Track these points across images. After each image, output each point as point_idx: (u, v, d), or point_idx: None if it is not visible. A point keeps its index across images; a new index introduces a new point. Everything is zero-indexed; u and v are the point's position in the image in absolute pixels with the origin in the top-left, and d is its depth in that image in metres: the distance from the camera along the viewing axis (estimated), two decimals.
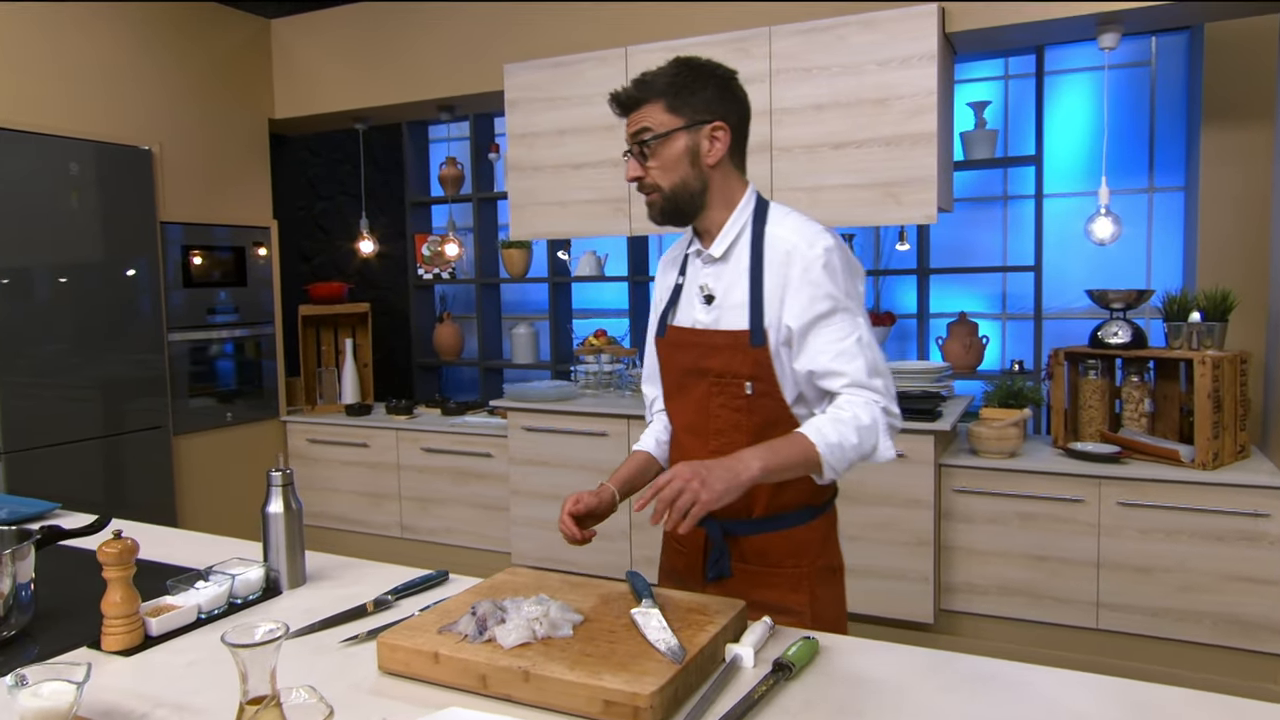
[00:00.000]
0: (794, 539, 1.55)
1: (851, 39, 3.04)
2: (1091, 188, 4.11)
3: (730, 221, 1.53)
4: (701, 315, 1.55)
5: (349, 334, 4.77)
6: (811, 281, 1.45)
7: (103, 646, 1.36)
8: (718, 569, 1.55)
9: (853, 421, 1.41)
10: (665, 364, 1.63)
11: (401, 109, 4.23)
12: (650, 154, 1.49)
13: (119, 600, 1.35)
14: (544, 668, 1.14)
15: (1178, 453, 2.81)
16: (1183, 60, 3.92)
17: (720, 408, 1.53)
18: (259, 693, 0.89)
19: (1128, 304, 3.02)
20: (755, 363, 1.49)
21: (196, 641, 1.39)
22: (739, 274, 1.52)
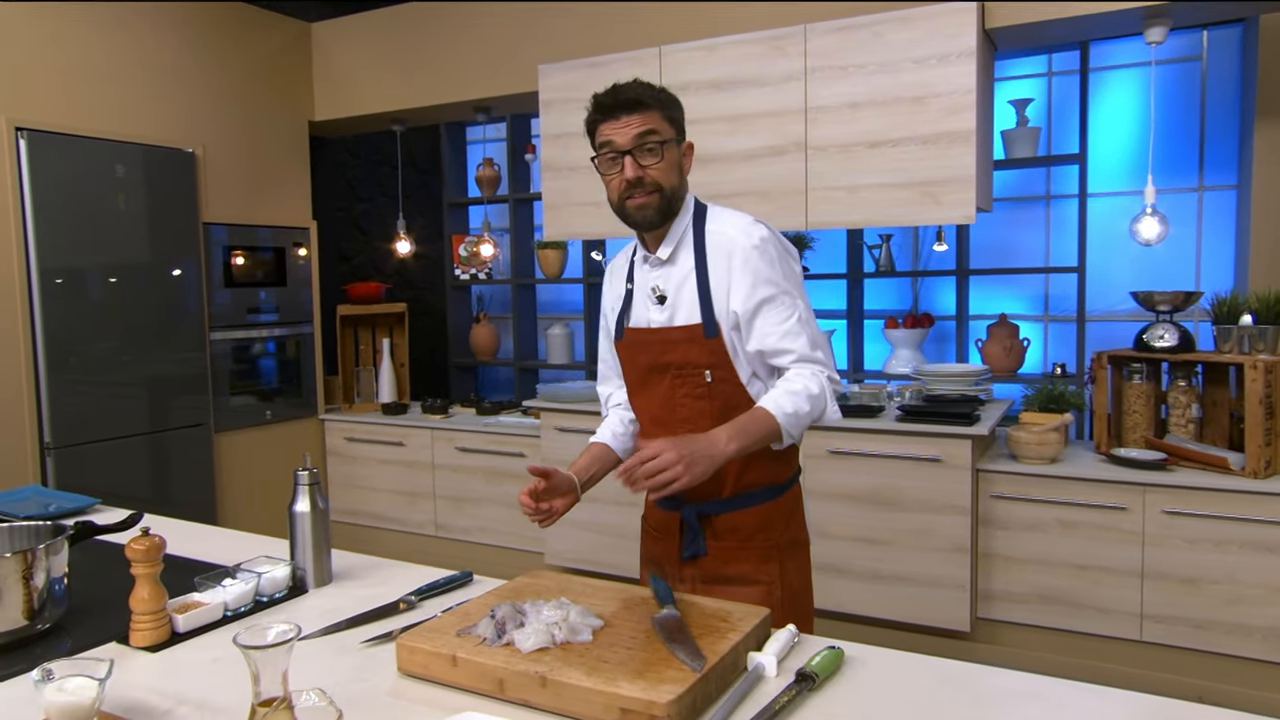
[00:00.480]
0: (762, 515, 1.67)
1: (888, 36, 2.98)
2: (1137, 187, 4.00)
3: (674, 226, 1.65)
4: (656, 315, 1.67)
5: (386, 334, 4.81)
6: (751, 270, 1.58)
7: (130, 642, 1.37)
8: (693, 549, 1.67)
9: (804, 392, 1.56)
10: (627, 364, 1.75)
11: (438, 110, 4.26)
12: (656, 155, 1.58)
13: (146, 597, 1.37)
14: (561, 673, 1.13)
15: (1227, 460, 2.72)
16: (1236, 55, 3.79)
17: (684, 397, 1.65)
18: (271, 694, 0.89)
19: (1174, 306, 2.93)
20: (711, 352, 1.61)
21: (222, 639, 1.40)
22: (686, 273, 1.64)
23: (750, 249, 1.59)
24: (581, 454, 1.82)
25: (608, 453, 1.82)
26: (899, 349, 4.13)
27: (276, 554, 1.69)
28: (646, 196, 1.59)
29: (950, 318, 4.20)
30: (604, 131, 1.62)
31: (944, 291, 4.38)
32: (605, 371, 1.89)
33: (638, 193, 1.59)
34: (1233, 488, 2.66)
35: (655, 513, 1.79)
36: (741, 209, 3.29)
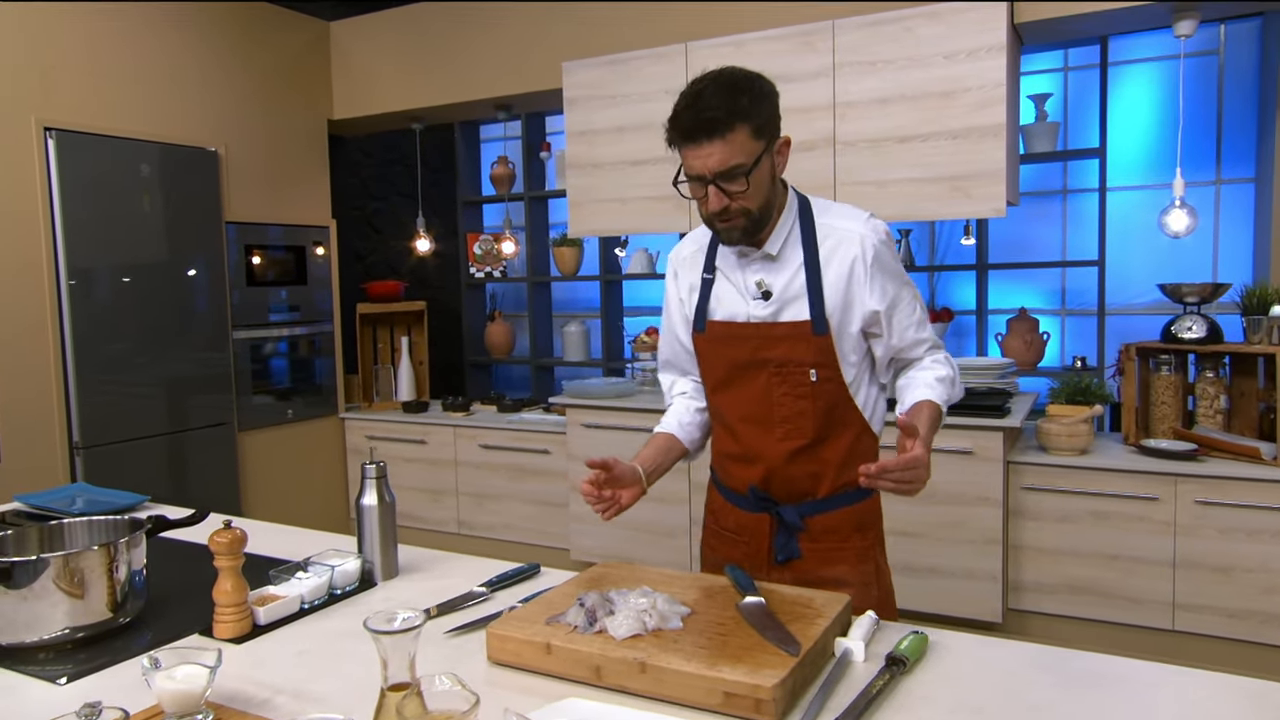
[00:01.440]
0: (857, 514, 1.63)
1: (918, 31, 3.00)
2: (1154, 180, 4.04)
3: (783, 220, 1.57)
4: (757, 310, 1.59)
5: (404, 332, 4.82)
6: (884, 267, 1.54)
7: (215, 634, 1.38)
8: (787, 551, 1.61)
9: (947, 378, 1.61)
10: (710, 358, 1.65)
11: (458, 109, 4.26)
12: (742, 185, 1.45)
13: (230, 589, 1.38)
14: (660, 659, 1.14)
15: (1258, 450, 2.74)
16: (1254, 49, 3.82)
17: (784, 396, 1.57)
18: (399, 680, 0.90)
19: (1202, 298, 2.96)
20: (819, 350, 1.55)
21: (302, 631, 1.41)
22: (795, 269, 1.56)
23: (880, 245, 1.54)
24: (646, 444, 1.72)
25: (674, 443, 1.74)
26: None
27: (340, 548, 1.70)
28: (732, 220, 1.50)
29: (970, 312, 4.23)
30: (686, 156, 1.48)
31: (959, 286, 4.41)
32: (667, 358, 1.81)
33: (722, 218, 1.50)
34: (1266, 477, 2.69)
35: (732, 514, 1.69)
36: None
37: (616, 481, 1.56)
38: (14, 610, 1.32)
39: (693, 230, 1.74)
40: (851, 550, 1.62)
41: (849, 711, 1.08)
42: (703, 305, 1.65)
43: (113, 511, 2.10)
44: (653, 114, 3.54)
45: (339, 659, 1.31)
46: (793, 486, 1.60)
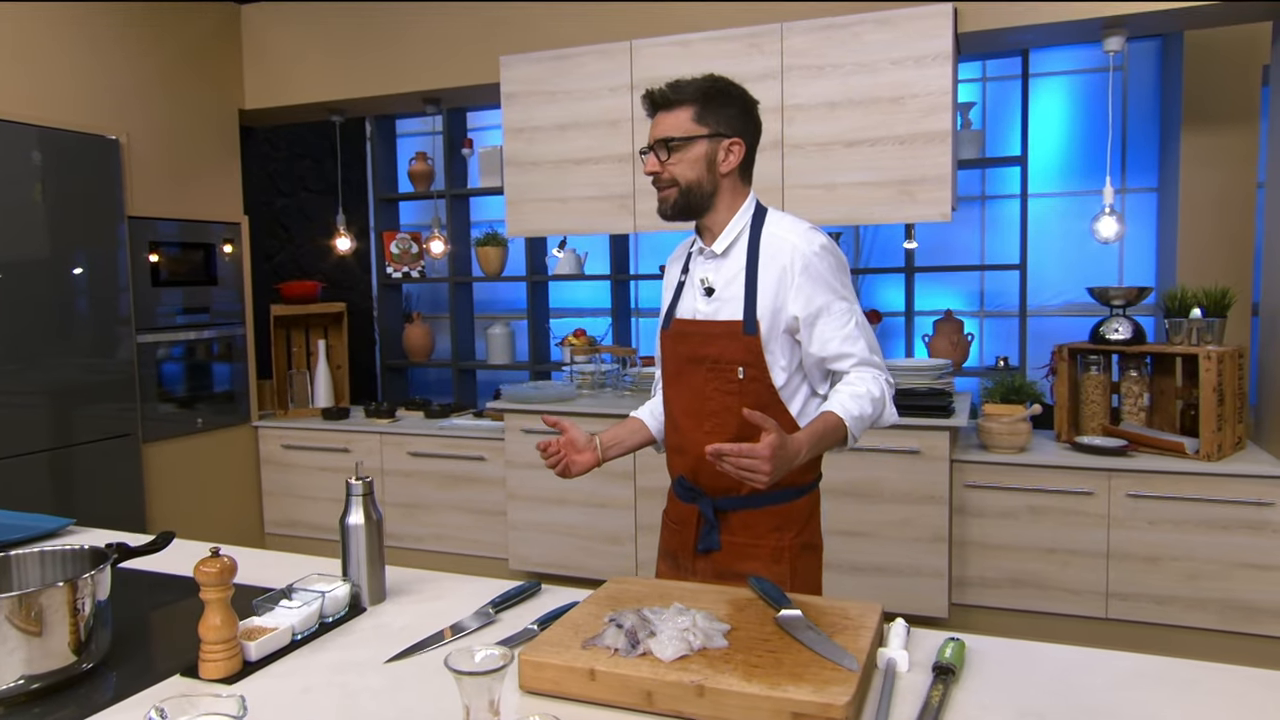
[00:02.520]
0: (778, 514, 1.70)
1: (866, 37, 3.05)
2: (1063, 189, 4.25)
3: (732, 223, 1.69)
4: (702, 306, 1.70)
5: (321, 335, 4.59)
6: (812, 277, 1.62)
7: (201, 674, 1.25)
8: (707, 543, 1.71)
9: (868, 395, 1.60)
10: (668, 354, 1.77)
11: (384, 101, 4.08)
12: (672, 153, 1.63)
13: (219, 623, 1.24)
14: (718, 681, 1.09)
15: (1183, 445, 2.90)
16: (1154, 65, 4.06)
17: (715, 391, 1.67)
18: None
19: (1128, 301, 3.11)
20: (747, 349, 1.64)
21: (297, 666, 1.29)
22: (737, 270, 1.67)
23: (811, 255, 1.62)
24: (618, 424, 1.88)
25: (642, 428, 1.87)
26: None
27: (322, 571, 1.57)
28: (664, 190, 1.66)
29: (898, 314, 4.34)
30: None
31: (881, 289, 4.53)
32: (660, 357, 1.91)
33: (658, 186, 1.67)
34: (1189, 470, 2.85)
35: (676, 506, 1.81)
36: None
37: (570, 444, 1.71)
38: None
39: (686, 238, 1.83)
40: (765, 548, 1.69)
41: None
42: (673, 305, 1.78)
43: (37, 537, 1.89)
44: (597, 112, 3.48)
45: (351, 696, 1.20)
46: (718, 480, 1.65)
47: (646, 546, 3.48)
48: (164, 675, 1.26)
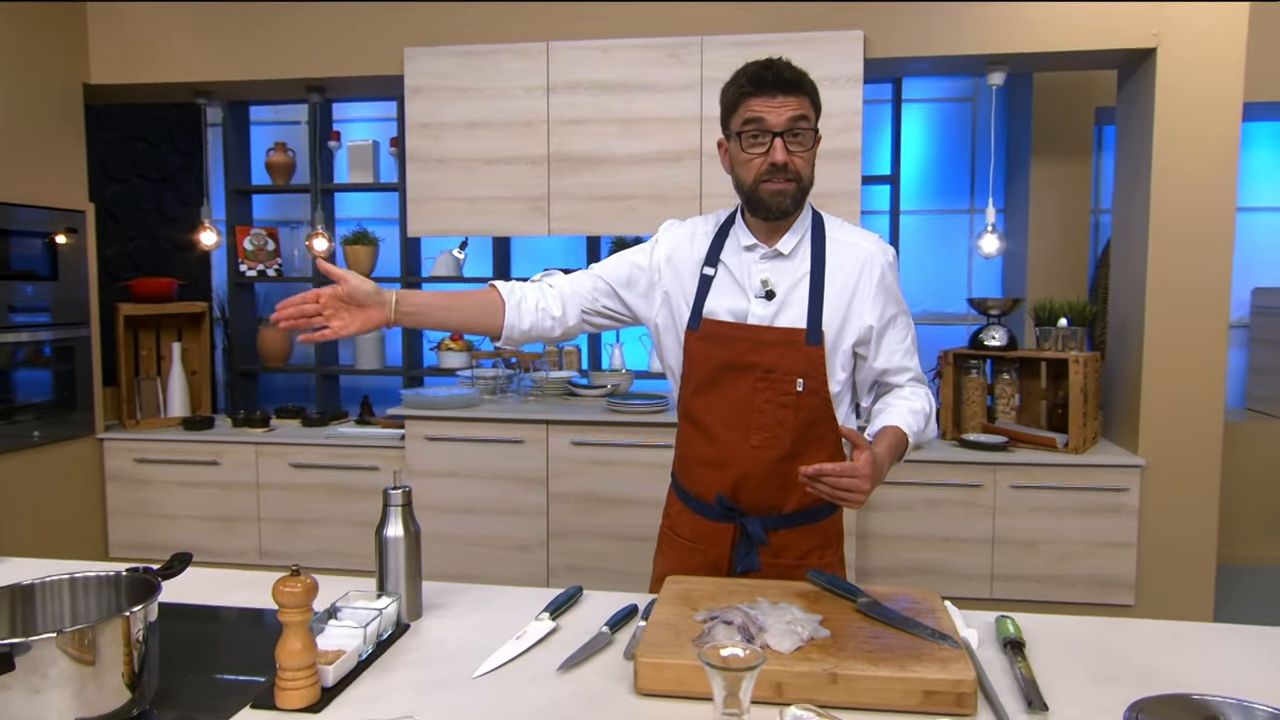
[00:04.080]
0: (819, 533, 1.66)
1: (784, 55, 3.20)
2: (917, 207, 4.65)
3: (798, 223, 1.60)
4: (757, 309, 1.58)
5: (174, 338, 4.20)
6: (887, 287, 1.59)
7: (279, 704, 1.16)
8: (747, 563, 1.61)
9: (922, 411, 1.61)
10: (696, 357, 1.62)
11: (262, 86, 3.81)
12: (804, 144, 1.52)
13: (300, 648, 1.16)
14: (847, 667, 1.15)
15: (1055, 440, 3.28)
16: (1001, 100, 4.54)
17: (766, 403, 1.56)
18: (727, 715, 0.84)
19: (1004, 310, 3.47)
20: (810, 361, 1.54)
21: (378, 688, 1.22)
22: (802, 274, 1.58)
23: (886, 265, 1.59)
24: (461, 292, 1.71)
25: (493, 305, 1.62)
26: None
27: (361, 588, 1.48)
28: (786, 183, 1.51)
29: None
30: (753, 106, 1.51)
31: None
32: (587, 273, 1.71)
33: (778, 178, 1.50)
34: (1060, 462, 3.22)
35: (693, 523, 1.68)
36: (636, 212, 3.39)
37: (349, 298, 1.45)
38: (15, 706, 1.00)
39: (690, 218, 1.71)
40: (811, 568, 1.56)
41: (1027, 693, 1.16)
42: (700, 302, 1.62)
43: None
44: (510, 111, 3.43)
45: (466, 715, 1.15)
46: (760, 498, 1.60)
47: (558, 553, 3.47)
48: (233, 710, 1.15)
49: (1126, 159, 3.37)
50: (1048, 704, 1.14)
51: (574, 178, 3.42)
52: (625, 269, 1.70)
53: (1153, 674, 1.25)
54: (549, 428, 3.43)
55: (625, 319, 1.73)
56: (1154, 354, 3.17)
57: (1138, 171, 3.23)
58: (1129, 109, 3.34)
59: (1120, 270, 3.45)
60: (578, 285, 1.69)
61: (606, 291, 1.70)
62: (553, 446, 3.43)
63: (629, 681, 1.23)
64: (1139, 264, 3.21)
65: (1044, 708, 1.13)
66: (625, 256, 1.72)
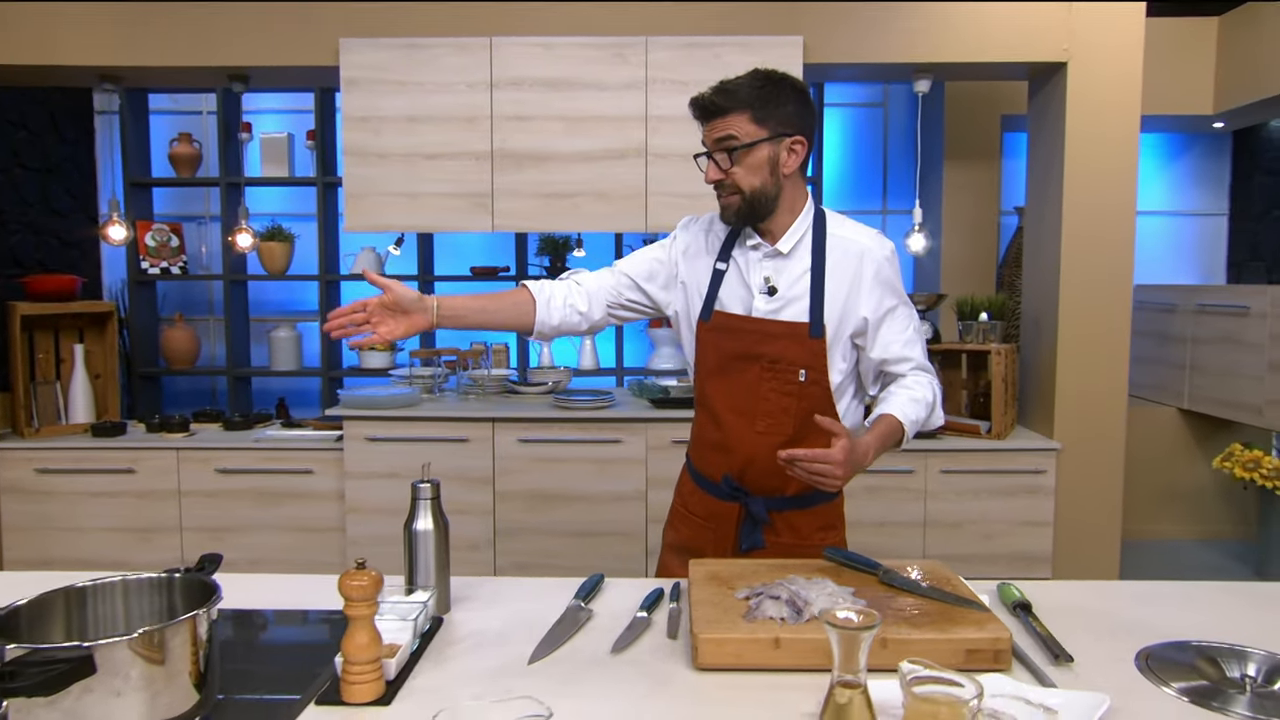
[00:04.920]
0: (822, 516, 1.78)
1: (726, 58, 3.32)
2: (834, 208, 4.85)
3: (796, 223, 1.69)
4: (761, 304, 1.68)
5: (74, 339, 3.95)
6: (883, 280, 1.68)
7: (345, 699, 1.15)
8: (751, 540, 1.72)
9: (924, 400, 1.69)
10: (707, 347, 1.72)
11: (178, 73, 3.63)
12: (735, 160, 1.61)
13: (366, 642, 1.16)
14: (895, 633, 1.24)
15: (979, 427, 3.51)
16: (910, 105, 4.80)
17: (771, 392, 1.67)
18: (848, 678, 0.91)
19: (928, 305, 3.68)
20: (812, 353, 1.65)
21: (435, 679, 1.24)
22: (802, 270, 1.68)
23: (883, 259, 1.67)
24: (498, 294, 1.78)
25: (524, 304, 1.72)
26: (660, 347, 4.50)
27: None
28: (728, 198, 1.64)
29: None
30: (702, 132, 1.68)
31: None
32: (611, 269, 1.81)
33: (720, 193, 1.66)
34: (984, 448, 3.46)
35: (703, 501, 1.78)
36: (580, 209, 3.44)
37: (395, 305, 1.54)
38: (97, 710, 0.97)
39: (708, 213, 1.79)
40: (812, 548, 1.70)
41: (1050, 648, 1.28)
42: (712, 295, 1.72)
43: None
44: (452, 107, 3.40)
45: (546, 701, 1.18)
46: (765, 480, 1.70)
47: (505, 552, 3.47)
48: (298, 708, 1.14)
49: (1038, 163, 3.64)
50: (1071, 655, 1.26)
51: (518, 174, 3.43)
52: (646, 264, 1.79)
53: (1143, 627, 1.39)
54: (495, 425, 3.42)
55: (649, 310, 1.81)
56: (1066, 345, 3.44)
57: (1049, 175, 3.50)
58: (1040, 117, 3.61)
59: (1033, 268, 3.72)
60: (602, 281, 1.78)
61: (630, 285, 1.78)
62: (499, 445, 3.43)
63: (681, 658, 1.29)
64: (1052, 262, 3.48)
65: (1069, 658, 1.25)
66: (646, 252, 1.81)
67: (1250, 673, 1.23)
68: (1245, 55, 4.09)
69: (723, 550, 1.74)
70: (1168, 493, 4.48)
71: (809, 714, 1.13)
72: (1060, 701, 1.05)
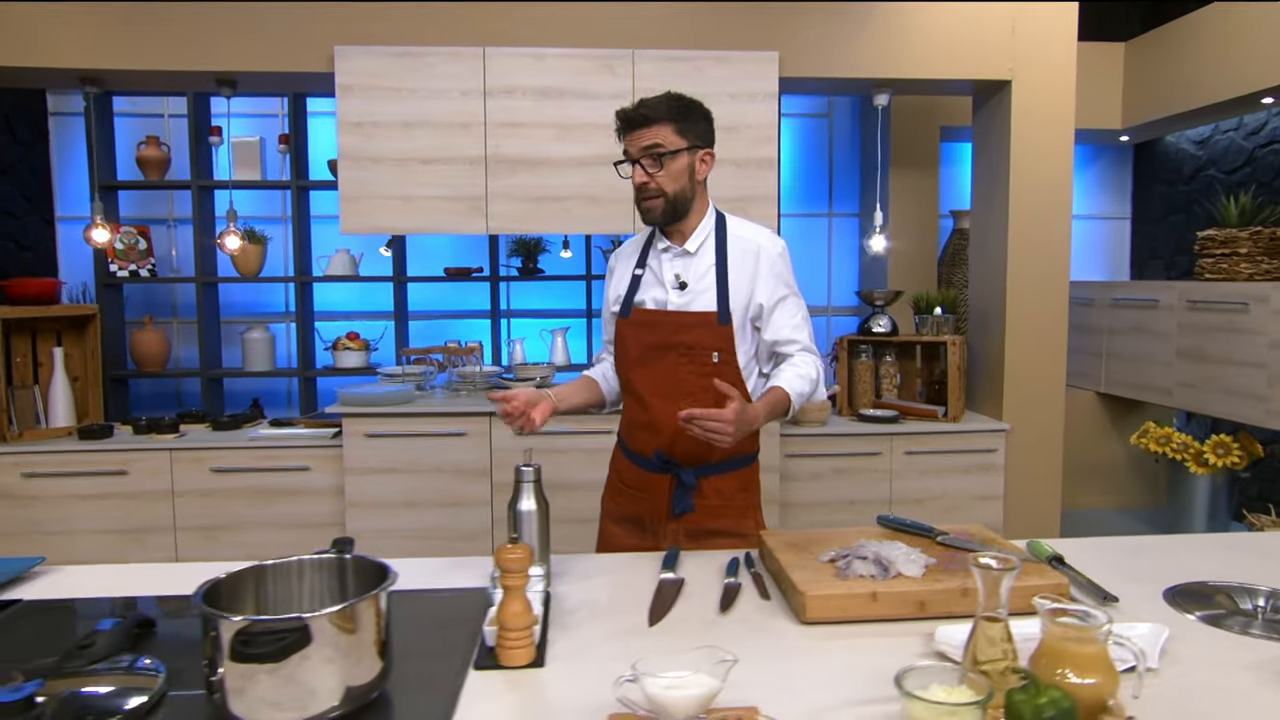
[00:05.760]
0: (740, 479, 1.95)
1: (708, 71, 3.44)
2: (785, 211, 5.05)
3: (702, 225, 1.90)
4: (674, 298, 1.87)
5: (53, 342, 3.80)
6: (775, 273, 1.87)
7: (504, 663, 1.22)
8: (683, 505, 1.89)
9: (808, 376, 1.86)
10: (630, 341, 1.90)
11: (164, 77, 3.54)
12: (661, 166, 1.80)
13: (521, 609, 1.24)
14: (972, 584, 1.37)
15: (936, 412, 3.73)
16: (853, 114, 5.02)
17: (689, 374, 1.85)
18: (992, 613, 1.04)
19: (887, 301, 3.89)
20: (722, 337, 1.84)
21: (571, 644, 1.32)
22: (707, 266, 1.87)
23: (776, 255, 1.87)
24: (572, 383, 2.03)
25: (594, 386, 2.03)
26: None
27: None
28: (652, 200, 1.82)
29: None
30: (624, 143, 1.85)
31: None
32: (607, 338, 2.06)
33: (643, 197, 1.83)
34: (942, 430, 3.67)
35: (635, 474, 1.95)
36: (572, 213, 3.52)
37: (528, 404, 1.78)
38: (313, 676, 1.02)
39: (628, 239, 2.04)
40: (735, 507, 1.92)
41: (1096, 591, 1.44)
42: (630, 295, 1.92)
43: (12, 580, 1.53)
44: (446, 113, 3.42)
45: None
46: (692, 452, 1.86)
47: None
48: (457, 674, 1.20)
49: (983, 171, 3.88)
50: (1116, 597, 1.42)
51: (511, 179, 3.47)
52: (606, 312, 2.03)
53: (1161, 572, 1.57)
54: (491, 420, 3.46)
55: None
56: (1013, 336, 3.68)
57: (995, 182, 3.74)
58: (985, 129, 3.85)
59: (980, 266, 3.96)
60: (609, 348, 2.05)
61: (612, 339, 2.02)
62: (496, 438, 3.47)
63: (782, 614, 1.40)
64: (999, 261, 3.72)
65: (1115, 599, 1.41)
66: (605, 302, 2.03)
67: (1260, 604, 1.42)
68: (1148, 77, 4.44)
69: (657, 516, 1.91)
70: (1088, 468, 4.82)
71: (915, 653, 1.25)
72: (1130, 634, 1.19)
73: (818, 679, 1.18)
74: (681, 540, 1.87)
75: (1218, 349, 3.78)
